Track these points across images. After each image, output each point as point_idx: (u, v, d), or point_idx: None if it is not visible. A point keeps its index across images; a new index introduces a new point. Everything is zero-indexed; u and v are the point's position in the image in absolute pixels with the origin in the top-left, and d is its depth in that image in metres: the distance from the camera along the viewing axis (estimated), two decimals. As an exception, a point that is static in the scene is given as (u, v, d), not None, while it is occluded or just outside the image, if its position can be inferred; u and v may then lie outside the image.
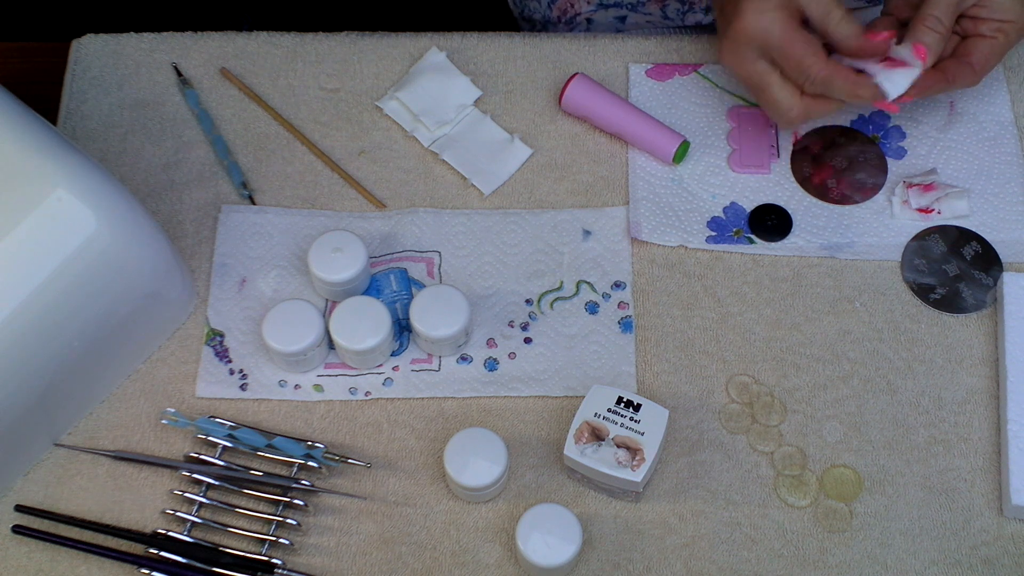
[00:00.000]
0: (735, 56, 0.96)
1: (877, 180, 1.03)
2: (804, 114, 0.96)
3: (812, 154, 1.04)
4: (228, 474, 0.92)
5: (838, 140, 1.05)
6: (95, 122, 1.06)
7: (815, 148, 1.05)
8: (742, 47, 0.95)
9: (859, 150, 1.04)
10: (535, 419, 0.95)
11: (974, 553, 0.90)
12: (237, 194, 1.03)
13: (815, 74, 0.93)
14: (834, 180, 1.03)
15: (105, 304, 0.88)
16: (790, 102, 0.95)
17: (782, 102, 0.95)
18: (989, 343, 0.97)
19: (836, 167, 1.04)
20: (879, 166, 1.04)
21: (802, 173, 1.03)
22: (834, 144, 1.05)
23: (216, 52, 1.09)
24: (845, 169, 1.04)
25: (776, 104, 0.96)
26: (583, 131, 1.06)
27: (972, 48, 0.96)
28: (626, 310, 0.98)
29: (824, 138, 1.05)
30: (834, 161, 1.04)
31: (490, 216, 1.02)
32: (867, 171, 1.03)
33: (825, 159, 1.04)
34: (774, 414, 0.95)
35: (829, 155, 1.04)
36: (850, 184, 1.03)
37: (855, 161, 1.04)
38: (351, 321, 0.94)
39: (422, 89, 1.06)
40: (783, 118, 0.96)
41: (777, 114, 0.97)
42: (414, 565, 0.90)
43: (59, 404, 0.91)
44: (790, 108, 0.95)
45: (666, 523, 0.91)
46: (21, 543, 0.91)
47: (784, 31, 0.93)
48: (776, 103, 0.96)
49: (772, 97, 0.96)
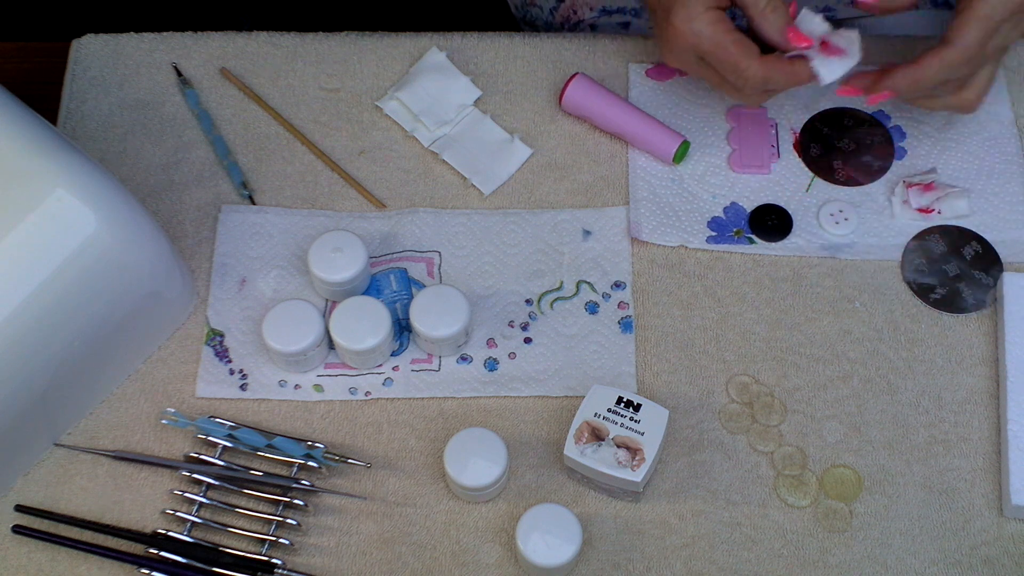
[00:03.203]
0: (676, 59, 0.97)
1: (884, 163, 1.03)
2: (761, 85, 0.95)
3: (820, 135, 1.04)
4: (228, 474, 0.92)
5: (846, 122, 1.05)
6: (95, 122, 1.06)
7: (823, 129, 1.05)
8: (678, 52, 0.96)
9: (866, 132, 1.05)
10: (535, 419, 0.95)
11: (974, 553, 0.90)
12: (237, 194, 1.03)
13: (751, 76, 0.93)
14: (840, 162, 1.03)
15: (105, 304, 0.88)
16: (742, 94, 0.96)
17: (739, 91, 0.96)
18: (989, 343, 0.97)
19: (843, 149, 1.04)
20: (886, 149, 1.04)
21: (809, 154, 1.04)
22: (842, 126, 1.05)
23: (216, 52, 1.09)
24: (852, 151, 1.04)
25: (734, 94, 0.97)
26: (583, 131, 1.06)
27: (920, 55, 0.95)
28: (626, 310, 0.98)
29: (832, 120, 1.05)
30: (841, 143, 1.04)
31: (490, 216, 1.02)
32: (874, 153, 1.03)
33: (832, 140, 1.04)
34: (774, 414, 0.95)
35: (836, 137, 1.04)
36: (857, 166, 1.03)
37: (862, 143, 1.04)
38: (351, 321, 0.94)
39: (422, 89, 1.06)
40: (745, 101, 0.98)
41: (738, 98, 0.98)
42: (414, 565, 0.90)
43: (59, 404, 0.91)
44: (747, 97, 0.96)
45: (666, 523, 0.91)
46: (21, 543, 0.91)
47: (713, 36, 0.93)
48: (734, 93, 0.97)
49: (728, 91, 0.97)
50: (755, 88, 0.94)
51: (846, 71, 0.93)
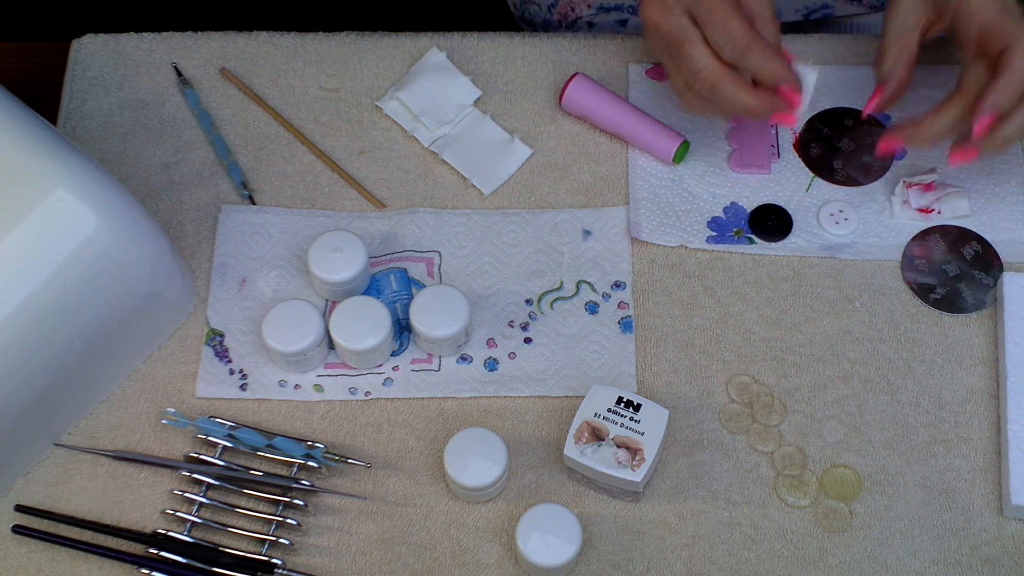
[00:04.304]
0: (658, 6, 0.92)
1: (884, 163, 1.03)
2: (714, 81, 0.91)
3: (820, 135, 1.04)
4: (228, 474, 0.92)
5: (846, 122, 1.05)
6: (95, 122, 1.06)
7: (823, 130, 1.05)
8: (652, 28, 0.92)
9: (867, 132, 1.05)
10: (535, 419, 0.95)
11: (974, 553, 0.90)
12: (237, 194, 1.03)
13: (738, 37, 0.90)
14: (840, 162, 1.03)
15: (105, 304, 0.88)
16: (704, 61, 0.91)
17: (697, 60, 0.91)
18: (989, 343, 0.97)
19: (843, 149, 1.04)
20: None
21: (810, 154, 1.04)
22: (842, 126, 1.05)
23: (216, 52, 1.09)
24: (852, 151, 1.04)
25: (691, 61, 0.92)
26: (583, 131, 1.06)
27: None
28: (626, 310, 0.98)
29: (832, 120, 1.05)
30: (841, 143, 1.04)
31: (490, 216, 1.02)
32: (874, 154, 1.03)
33: (833, 140, 1.04)
34: (774, 414, 0.95)
35: (836, 137, 1.04)
36: (857, 166, 1.03)
37: (862, 143, 1.04)
38: (351, 321, 0.94)
39: (422, 89, 1.06)
40: (694, 79, 0.92)
41: (690, 73, 0.92)
42: (414, 565, 0.90)
43: (59, 404, 0.91)
44: (703, 68, 0.91)
45: (666, 523, 0.91)
46: (21, 543, 0.91)
47: (680, 22, 0.90)
48: (691, 60, 0.92)
49: (688, 53, 0.92)
50: (735, 51, 0.90)
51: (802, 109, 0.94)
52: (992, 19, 0.91)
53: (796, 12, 1.13)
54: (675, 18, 0.92)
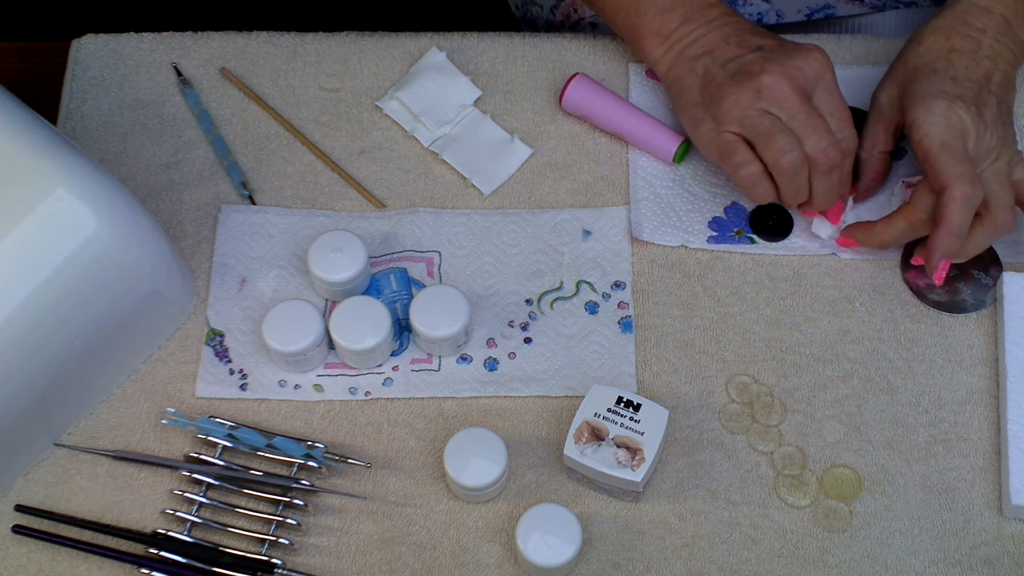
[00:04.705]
0: (746, 104, 0.93)
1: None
2: (799, 164, 0.93)
3: None
4: (228, 474, 0.92)
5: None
6: (95, 122, 1.06)
7: None
8: (787, 82, 0.93)
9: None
10: (535, 419, 0.95)
11: (974, 553, 0.90)
12: (237, 194, 1.03)
13: (833, 145, 0.93)
14: None
15: (105, 304, 0.88)
16: (795, 144, 0.93)
17: (787, 142, 0.93)
18: (989, 343, 0.97)
19: None
20: None
21: None
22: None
23: (216, 52, 1.09)
24: None
25: (782, 143, 0.93)
26: (583, 131, 1.06)
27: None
28: (626, 310, 0.98)
29: None
30: None
31: (490, 216, 1.02)
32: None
33: None
34: (774, 414, 0.95)
35: None
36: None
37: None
38: (351, 321, 0.94)
39: (422, 89, 1.06)
40: (781, 156, 0.93)
41: (779, 152, 0.93)
42: (414, 565, 0.90)
43: (59, 404, 0.91)
44: (793, 148, 0.93)
45: (666, 523, 0.91)
46: (21, 543, 0.91)
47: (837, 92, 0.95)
48: (781, 142, 0.93)
49: (778, 139, 0.93)
50: (791, 164, 0.93)
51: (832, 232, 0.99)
52: (934, 151, 0.91)
53: (798, 12, 1.13)
54: (760, 116, 0.93)
